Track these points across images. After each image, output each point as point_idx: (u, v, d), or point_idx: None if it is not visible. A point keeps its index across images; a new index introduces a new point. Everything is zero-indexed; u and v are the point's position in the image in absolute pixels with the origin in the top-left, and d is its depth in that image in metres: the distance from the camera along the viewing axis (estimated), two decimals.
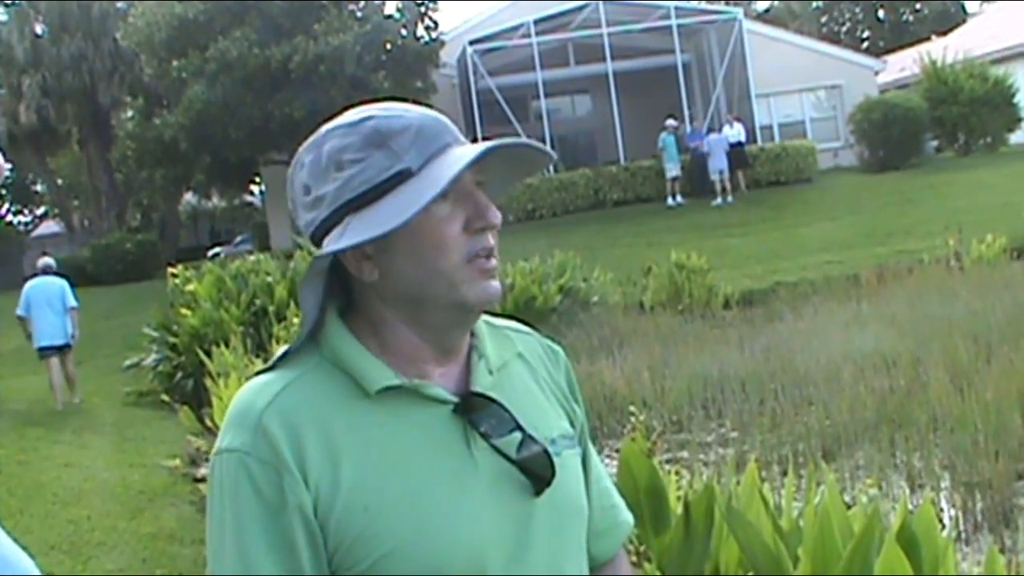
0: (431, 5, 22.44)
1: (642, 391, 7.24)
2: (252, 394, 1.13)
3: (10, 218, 40.39)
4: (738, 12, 25.46)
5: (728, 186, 20.93)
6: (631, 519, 1.39)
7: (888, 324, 8.67)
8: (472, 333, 1.23)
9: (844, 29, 48.57)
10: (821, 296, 11.26)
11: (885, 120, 22.54)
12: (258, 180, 28.69)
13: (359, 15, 21.62)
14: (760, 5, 49.60)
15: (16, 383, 12.45)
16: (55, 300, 10.88)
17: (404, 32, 21.73)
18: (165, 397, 9.64)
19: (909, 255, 13.36)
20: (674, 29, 23.43)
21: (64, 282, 11.07)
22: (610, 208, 21.78)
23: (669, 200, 21.38)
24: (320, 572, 1.08)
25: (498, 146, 1.12)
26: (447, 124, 1.17)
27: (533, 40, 22.95)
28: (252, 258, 12.32)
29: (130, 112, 26.66)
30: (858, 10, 48.24)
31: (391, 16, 21.92)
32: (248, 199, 34.82)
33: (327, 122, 1.20)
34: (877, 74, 27.14)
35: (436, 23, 22.55)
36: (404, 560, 1.07)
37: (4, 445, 8.56)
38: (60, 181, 35.24)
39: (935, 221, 15.37)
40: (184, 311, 10.08)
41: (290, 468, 1.07)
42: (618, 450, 2.17)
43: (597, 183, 22.29)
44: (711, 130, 21.86)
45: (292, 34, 20.25)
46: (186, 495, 6.73)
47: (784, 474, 5.13)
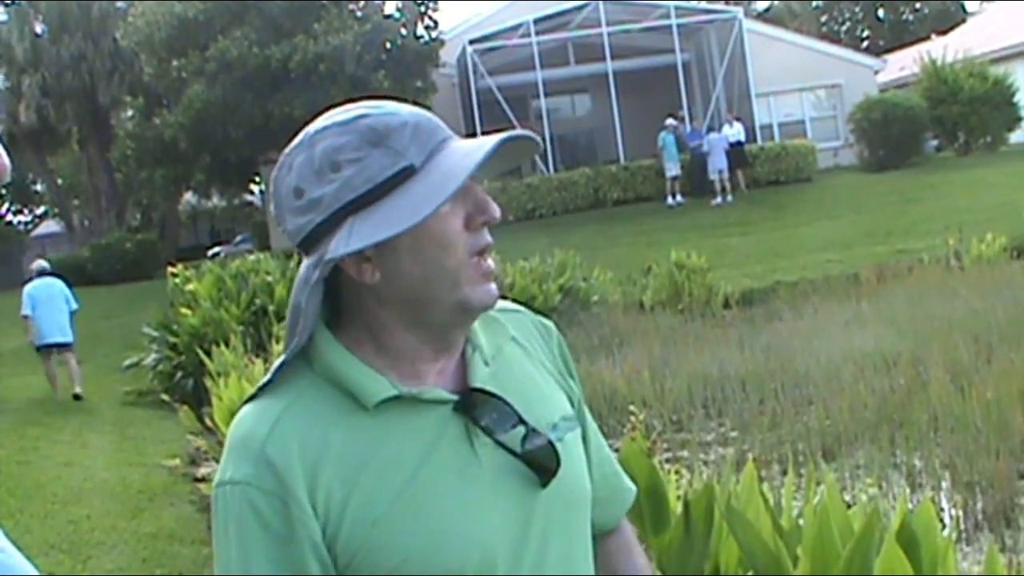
0: (431, 5, 22.44)
1: (642, 390, 7.24)
2: (251, 422, 1.11)
3: (10, 218, 40.39)
4: (738, 11, 25.46)
5: (728, 185, 20.92)
6: (634, 488, 1.39)
7: (888, 323, 8.67)
8: None
9: (844, 28, 48.56)
10: (821, 295, 11.25)
11: (885, 119, 22.54)
12: (258, 180, 28.71)
13: (359, 15, 21.61)
14: (760, 5, 49.59)
15: (16, 383, 12.45)
16: (58, 299, 11.21)
17: (404, 32, 21.73)
18: (165, 396, 9.63)
19: (909, 254, 13.35)
20: (674, 28, 23.43)
21: (63, 283, 11.39)
22: (610, 207, 21.78)
23: (669, 199, 21.37)
24: None
25: (508, 139, 1.10)
26: (439, 120, 1.14)
27: (533, 39, 22.94)
28: (252, 257, 12.34)
29: (130, 112, 26.65)
30: (858, 9, 48.23)
31: (391, 16, 21.92)
32: (248, 199, 34.81)
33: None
34: (877, 73, 27.13)
35: (436, 23, 22.56)
36: (416, 568, 1.07)
37: (4, 445, 8.56)
38: (60, 181, 35.22)
39: (935, 220, 15.37)
40: (184, 311, 10.08)
41: (297, 497, 1.05)
42: (618, 449, 2.17)
43: (597, 182, 22.28)
44: (711, 129, 21.86)
45: (292, 34, 20.25)
46: (186, 494, 6.73)
47: (784, 473, 5.13)
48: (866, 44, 44.48)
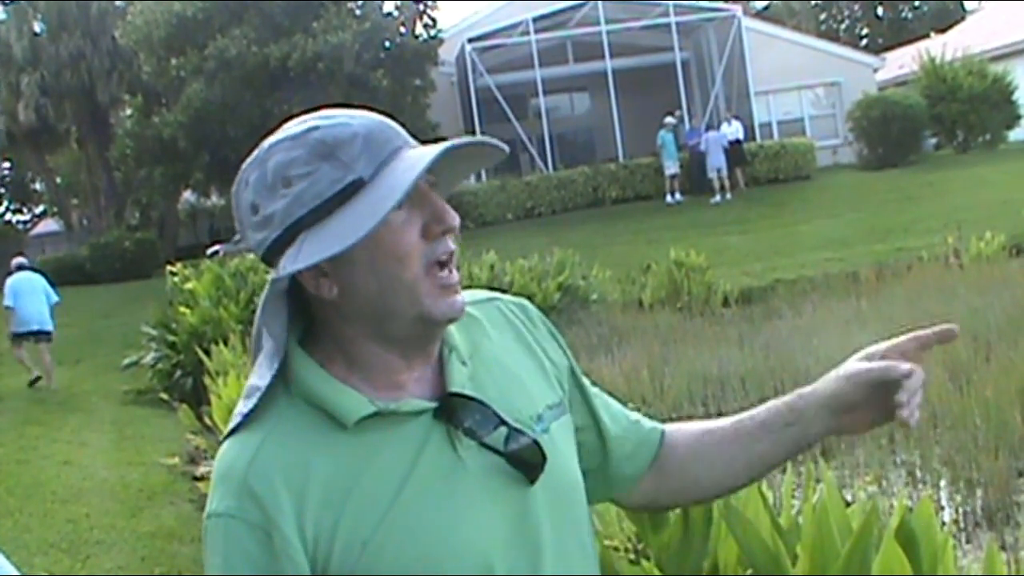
0: (430, 3, 22.46)
1: (641, 389, 7.24)
2: (233, 453, 1.10)
3: (9, 217, 40.41)
4: (737, 10, 25.45)
5: (727, 183, 20.93)
6: (660, 426, 1.39)
7: (887, 321, 8.66)
8: None
9: (843, 26, 48.57)
10: (820, 294, 11.25)
11: (884, 117, 22.54)
12: None
13: (358, 13, 21.61)
14: (759, 3, 49.56)
15: (16, 382, 12.44)
16: (39, 291, 12.08)
17: (403, 30, 21.74)
18: (164, 395, 9.62)
19: (908, 252, 13.34)
20: (673, 27, 23.44)
21: (42, 278, 12.34)
22: (609, 206, 21.78)
23: (668, 198, 21.38)
24: None
25: (453, 147, 1.08)
26: (395, 127, 1.12)
27: (532, 38, 22.95)
28: (251, 256, 12.30)
29: (129, 110, 26.61)
30: (857, 7, 48.24)
31: (390, 14, 21.92)
32: None
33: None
34: (876, 71, 27.14)
35: (435, 21, 22.58)
36: None
37: (3, 443, 8.56)
38: (59, 180, 35.18)
39: (934, 218, 15.37)
40: (183, 309, 10.07)
41: (281, 529, 1.05)
42: None
43: (596, 181, 22.29)
44: (710, 127, 21.88)
45: (291, 32, 20.25)
46: (185, 493, 6.73)
47: (783, 472, 5.13)
48: (865, 42, 44.49)
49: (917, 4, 47.64)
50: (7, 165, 38.20)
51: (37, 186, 39.27)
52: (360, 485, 1.08)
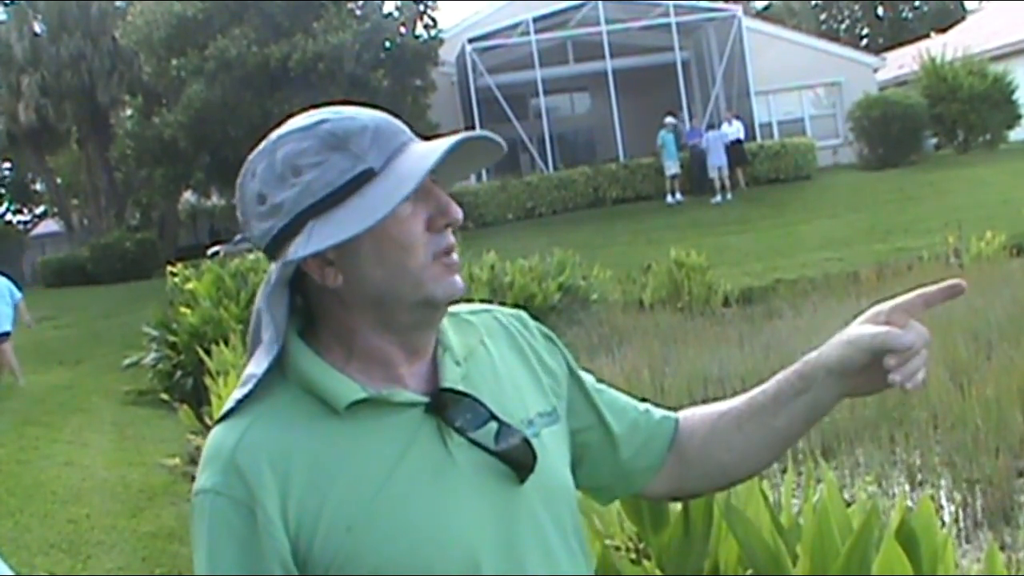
0: (430, 3, 22.45)
1: (642, 389, 7.23)
2: (223, 431, 1.12)
3: (9, 217, 40.39)
4: (737, 10, 25.45)
5: (727, 183, 20.93)
6: (673, 415, 1.38)
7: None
8: None
9: (843, 26, 48.57)
10: (821, 293, 11.25)
11: (884, 117, 22.54)
12: None
13: (358, 13, 21.61)
14: (759, 3, 49.56)
15: (15, 382, 12.44)
16: (4, 293, 12.28)
17: (403, 30, 21.73)
18: (165, 396, 9.63)
19: (908, 252, 13.35)
20: (673, 27, 23.43)
21: (4, 277, 12.55)
22: (609, 206, 21.78)
23: (668, 198, 21.38)
24: None
25: (465, 139, 1.10)
26: (400, 123, 1.14)
27: (532, 38, 22.95)
28: (251, 256, 12.31)
29: (129, 111, 26.60)
30: (857, 7, 48.23)
31: (390, 14, 21.92)
32: None
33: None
34: (876, 71, 27.12)
35: (435, 21, 22.57)
36: (394, 571, 1.07)
37: (4, 444, 8.55)
38: (59, 180, 35.16)
39: (934, 218, 15.37)
40: (183, 309, 10.08)
41: (265, 508, 1.06)
42: None
43: (596, 181, 22.29)
44: (710, 127, 21.87)
45: (291, 32, 20.25)
46: (186, 494, 6.72)
47: (784, 471, 5.13)
48: (865, 42, 44.48)
49: (917, 4, 47.64)
50: (7, 165, 38.21)
51: (37, 186, 39.26)
52: (347, 470, 1.09)
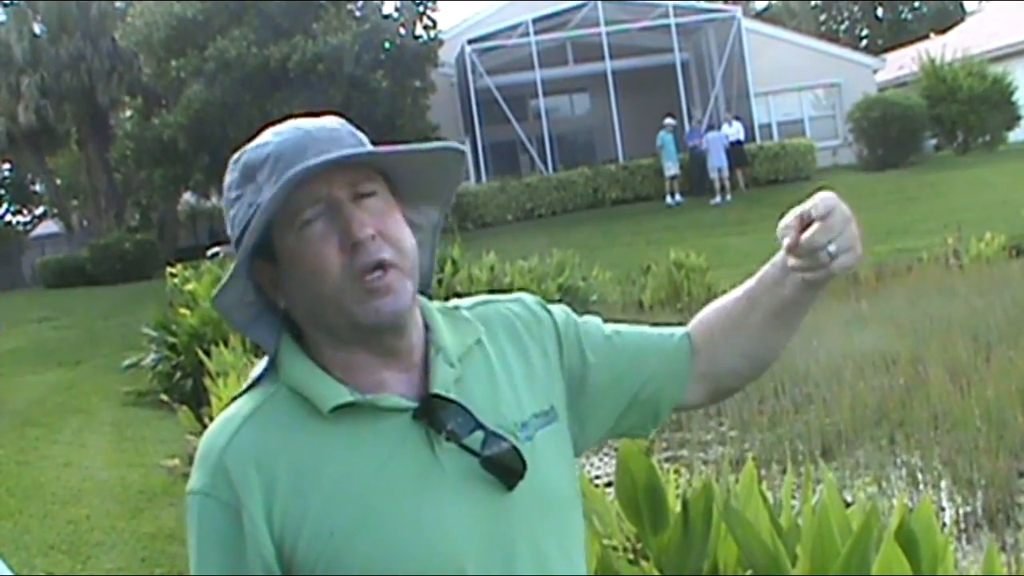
0: (430, 4, 22.43)
1: None
2: (214, 436, 1.13)
3: (9, 218, 40.35)
4: (736, 11, 25.46)
5: (727, 184, 20.93)
6: (679, 332, 1.36)
7: (887, 322, 8.66)
8: (427, 328, 1.19)
9: (843, 27, 48.55)
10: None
11: (884, 118, 22.54)
12: None
13: (358, 14, 21.61)
14: (758, 4, 49.56)
15: (15, 383, 12.44)
16: None
17: (402, 31, 21.72)
18: (164, 397, 9.61)
19: (908, 253, 13.34)
20: (672, 28, 23.43)
21: None
22: (609, 207, 21.77)
23: (668, 199, 21.38)
24: None
25: (326, 162, 1.07)
26: (316, 139, 1.12)
27: (531, 39, 22.95)
28: None
29: (129, 112, 26.60)
30: (857, 8, 48.21)
31: (390, 15, 21.91)
32: None
33: None
34: (876, 72, 27.13)
35: (435, 22, 22.55)
36: None
37: (3, 445, 8.55)
38: (59, 181, 35.17)
39: (934, 219, 15.37)
40: (183, 310, 10.07)
41: (250, 511, 1.07)
42: (616, 448, 2.17)
43: (596, 182, 22.29)
44: (710, 128, 21.87)
45: (291, 33, 20.24)
46: (185, 495, 6.72)
47: (783, 472, 5.13)
48: (865, 43, 44.46)
49: (917, 5, 47.63)
50: (7, 166, 38.17)
51: (37, 188, 39.23)
52: (332, 474, 1.09)
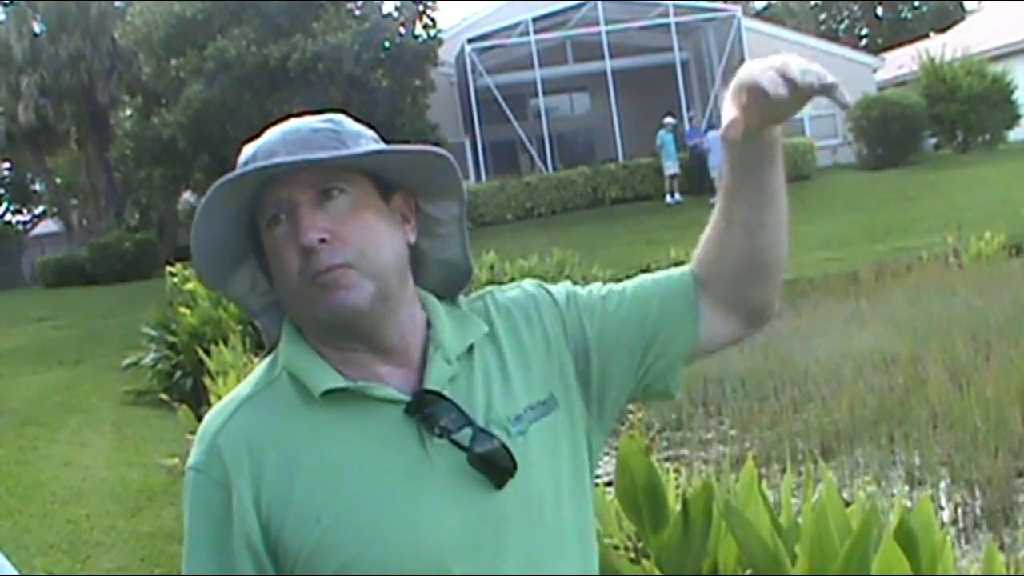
0: (429, 4, 22.41)
1: None
2: (213, 414, 1.16)
3: (9, 217, 40.33)
4: (736, 10, 25.45)
5: None
6: (679, 271, 1.36)
7: (887, 321, 8.67)
8: (428, 324, 1.19)
9: (842, 27, 48.55)
10: (820, 293, 11.25)
11: (884, 117, 22.53)
12: None
13: (357, 13, 21.60)
14: (758, 3, 49.55)
15: (15, 382, 12.44)
16: None
17: (402, 31, 21.70)
18: (164, 396, 9.60)
19: (908, 252, 13.34)
20: (672, 27, 23.43)
21: None
22: (609, 206, 21.77)
23: (668, 198, 21.38)
24: None
25: (257, 168, 1.10)
26: (288, 142, 1.13)
27: (531, 38, 22.94)
28: None
29: (128, 111, 26.59)
30: (856, 8, 48.22)
31: (389, 14, 21.90)
32: None
33: None
34: (875, 72, 27.13)
35: (434, 21, 22.53)
36: (361, 570, 1.07)
37: (3, 444, 8.55)
38: (58, 180, 35.14)
39: (934, 218, 15.37)
40: (183, 310, 10.07)
41: (240, 492, 1.08)
42: (617, 448, 2.17)
43: (596, 181, 22.28)
44: (710, 127, 21.85)
45: (290, 33, 20.24)
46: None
47: (783, 472, 5.13)
48: (865, 42, 44.47)
49: (917, 4, 47.62)
50: (7, 166, 38.15)
51: (37, 187, 39.21)
52: (318, 460, 1.10)
